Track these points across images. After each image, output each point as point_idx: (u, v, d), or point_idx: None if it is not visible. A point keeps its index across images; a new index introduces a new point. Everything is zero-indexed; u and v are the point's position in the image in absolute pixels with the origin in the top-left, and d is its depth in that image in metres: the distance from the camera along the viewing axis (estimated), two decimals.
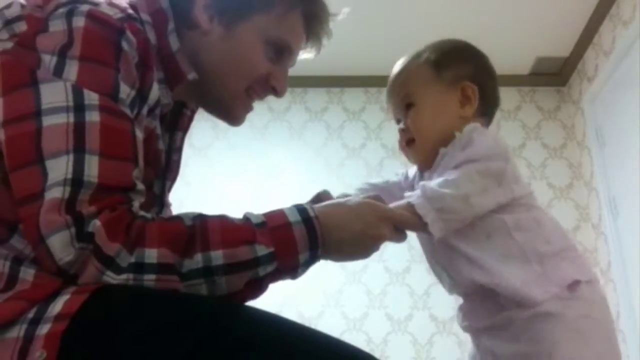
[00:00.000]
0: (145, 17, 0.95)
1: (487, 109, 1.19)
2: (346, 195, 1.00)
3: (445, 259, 1.10)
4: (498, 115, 1.31)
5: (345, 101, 3.90)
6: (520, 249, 1.02)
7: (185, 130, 1.11)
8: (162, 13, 0.97)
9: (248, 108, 1.06)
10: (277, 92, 1.05)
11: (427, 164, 1.14)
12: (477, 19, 3.24)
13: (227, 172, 3.70)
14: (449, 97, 1.14)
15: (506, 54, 3.40)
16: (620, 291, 3.06)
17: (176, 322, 0.72)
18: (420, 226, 0.98)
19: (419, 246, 1.17)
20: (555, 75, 3.81)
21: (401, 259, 3.45)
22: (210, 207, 1.29)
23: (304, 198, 0.94)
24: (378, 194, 1.01)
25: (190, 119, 1.12)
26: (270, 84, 1.03)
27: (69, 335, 0.69)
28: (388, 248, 3.41)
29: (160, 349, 0.70)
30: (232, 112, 1.05)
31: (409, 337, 3.38)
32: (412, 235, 1.15)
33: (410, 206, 0.98)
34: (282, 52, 1.02)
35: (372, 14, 3.29)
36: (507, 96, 3.72)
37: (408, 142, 1.16)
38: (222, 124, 1.09)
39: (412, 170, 1.23)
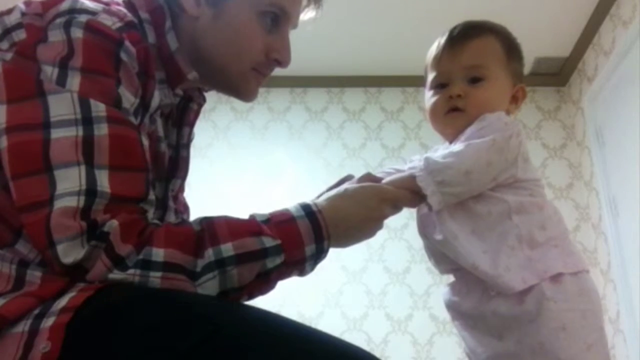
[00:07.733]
0: (144, 15, 0.94)
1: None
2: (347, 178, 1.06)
3: (439, 235, 1.07)
4: None
5: (345, 101, 3.90)
6: (515, 232, 1.01)
7: (192, 125, 1.10)
8: (160, 11, 0.96)
9: (259, 83, 1.03)
10: (281, 64, 1.01)
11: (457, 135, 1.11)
12: (477, 19, 3.24)
13: (227, 172, 3.69)
14: (509, 89, 1.15)
15: None
16: (620, 291, 3.06)
17: (176, 320, 0.72)
18: (417, 202, 1.02)
19: (419, 246, 1.17)
20: (555, 75, 3.81)
21: (401, 259, 3.43)
22: (211, 207, 1.29)
23: (304, 198, 0.95)
24: (370, 173, 1.05)
25: (197, 113, 1.11)
26: (272, 57, 1.00)
27: (73, 326, 0.70)
28: (388, 248, 3.43)
29: (159, 343, 0.70)
30: (242, 92, 1.03)
31: (409, 337, 3.38)
32: (411, 235, 1.15)
33: (412, 178, 1.00)
34: (279, 19, 0.98)
35: (372, 14, 3.29)
36: None
37: (454, 109, 1.11)
38: (222, 124, 1.09)
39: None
